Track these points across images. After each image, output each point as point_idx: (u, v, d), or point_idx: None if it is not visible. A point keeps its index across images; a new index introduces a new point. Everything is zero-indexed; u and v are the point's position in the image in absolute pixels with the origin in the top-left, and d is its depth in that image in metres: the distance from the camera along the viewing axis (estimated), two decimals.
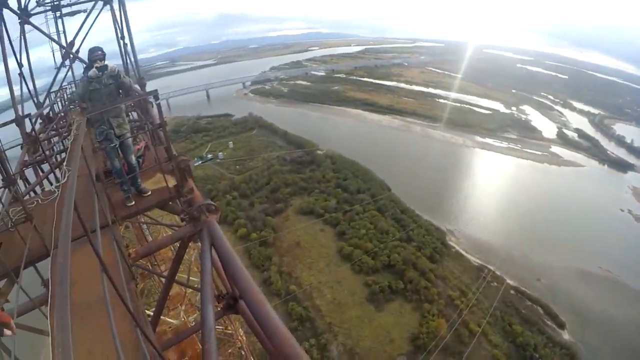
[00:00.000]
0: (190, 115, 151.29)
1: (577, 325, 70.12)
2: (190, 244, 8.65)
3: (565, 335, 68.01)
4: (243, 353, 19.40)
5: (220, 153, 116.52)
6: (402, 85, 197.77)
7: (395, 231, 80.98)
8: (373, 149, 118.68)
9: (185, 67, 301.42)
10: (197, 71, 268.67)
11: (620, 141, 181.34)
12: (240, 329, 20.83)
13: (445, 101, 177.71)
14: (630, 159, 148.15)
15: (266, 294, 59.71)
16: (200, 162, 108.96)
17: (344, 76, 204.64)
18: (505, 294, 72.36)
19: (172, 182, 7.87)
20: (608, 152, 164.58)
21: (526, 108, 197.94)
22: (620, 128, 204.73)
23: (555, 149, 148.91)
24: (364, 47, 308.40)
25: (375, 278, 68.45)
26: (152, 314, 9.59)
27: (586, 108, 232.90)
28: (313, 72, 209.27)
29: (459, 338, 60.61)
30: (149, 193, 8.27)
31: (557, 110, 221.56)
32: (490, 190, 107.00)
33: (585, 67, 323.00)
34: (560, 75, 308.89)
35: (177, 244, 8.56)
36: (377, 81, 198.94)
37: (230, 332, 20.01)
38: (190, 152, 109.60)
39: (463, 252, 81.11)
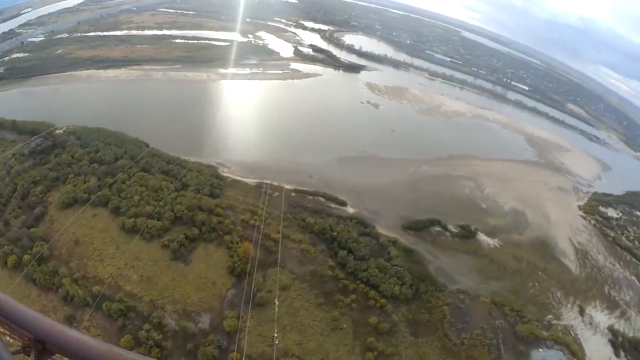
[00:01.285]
0: None
1: (355, 199, 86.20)
2: None
3: (350, 210, 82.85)
4: None
5: None
6: (134, 32, 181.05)
7: (168, 184, 76.88)
8: (117, 108, 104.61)
9: None
10: None
11: (350, 49, 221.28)
12: None
13: (183, 41, 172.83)
14: (361, 61, 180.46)
15: (74, 311, 51.60)
16: None
17: (67, 35, 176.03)
18: (289, 198, 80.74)
19: None
20: (341, 59, 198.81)
21: (262, 34, 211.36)
22: (349, 38, 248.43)
23: (295, 65, 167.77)
24: None
25: (169, 237, 65.42)
26: None
27: (317, 26, 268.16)
28: (30, 40, 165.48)
29: (268, 249, 66.74)
30: None
31: (291, 32, 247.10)
32: (246, 116, 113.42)
33: None
34: (290, 1, 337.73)
35: None
36: (106, 33, 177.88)
37: None
38: None
39: (239, 178, 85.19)
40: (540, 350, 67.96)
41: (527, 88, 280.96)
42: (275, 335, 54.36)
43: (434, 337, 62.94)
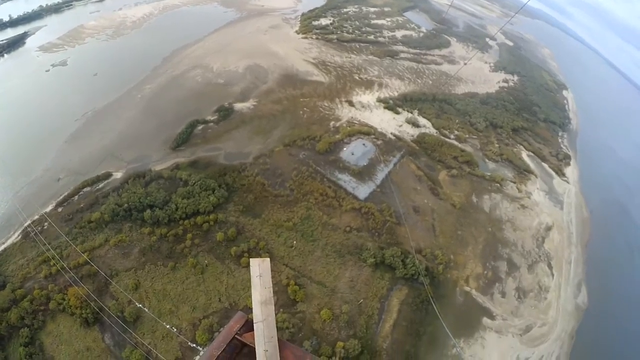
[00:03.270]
0: None
1: (116, 161, 69.85)
2: None
3: (119, 175, 65.14)
4: None
5: None
6: None
7: None
8: None
9: None
10: None
11: None
12: None
13: None
14: (18, 30, 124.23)
15: None
16: None
17: None
18: (53, 218, 60.02)
19: None
20: None
21: None
22: None
23: None
24: None
25: None
26: None
27: None
28: None
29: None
30: None
31: None
32: None
33: None
34: None
35: None
36: None
37: None
38: None
39: None
40: (345, 149, 78.36)
41: None
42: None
43: (270, 203, 64.71)
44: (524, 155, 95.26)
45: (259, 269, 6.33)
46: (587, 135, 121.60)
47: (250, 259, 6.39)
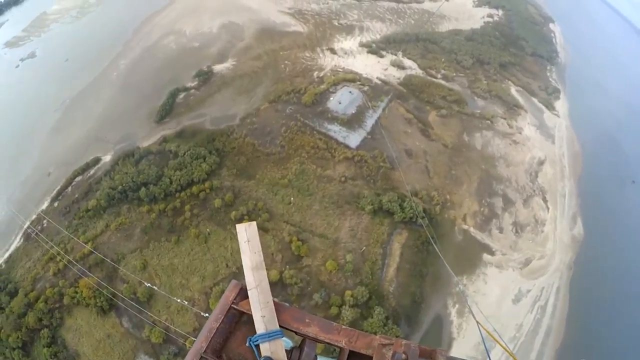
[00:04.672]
0: None
1: (102, 145, 67.71)
2: None
3: (107, 158, 62.99)
4: None
5: None
6: None
7: None
8: None
9: None
10: None
11: None
12: None
13: None
14: None
15: None
16: None
17: None
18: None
19: None
20: None
21: None
22: None
23: None
24: None
25: None
26: None
27: None
28: None
29: None
30: None
31: None
32: None
33: None
34: None
35: None
36: None
37: None
38: None
39: None
40: (331, 98, 75.47)
41: None
42: None
43: (262, 163, 63.30)
44: (513, 90, 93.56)
45: (246, 234, 5.97)
46: (576, 68, 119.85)
47: (237, 225, 6.06)
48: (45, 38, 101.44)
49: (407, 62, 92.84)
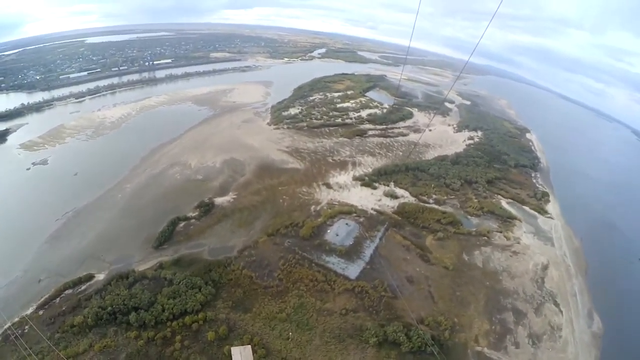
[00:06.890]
0: None
1: (98, 262, 65.00)
2: None
3: (101, 277, 61.78)
4: None
5: None
6: None
7: None
8: None
9: None
10: None
11: None
12: None
13: None
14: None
15: None
16: None
17: None
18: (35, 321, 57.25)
19: None
20: None
21: None
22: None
23: None
24: None
25: None
26: None
27: None
28: None
29: None
30: None
31: None
32: None
33: None
34: None
35: None
36: None
37: None
38: None
39: None
40: (328, 231, 79.54)
41: (170, 60, 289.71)
42: None
43: (260, 296, 63.23)
44: (504, 203, 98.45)
45: (241, 357, 7.14)
46: (558, 167, 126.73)
47: (232, 348, 7.31)
48: (59, 149, 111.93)
49: (399, 191, 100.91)
